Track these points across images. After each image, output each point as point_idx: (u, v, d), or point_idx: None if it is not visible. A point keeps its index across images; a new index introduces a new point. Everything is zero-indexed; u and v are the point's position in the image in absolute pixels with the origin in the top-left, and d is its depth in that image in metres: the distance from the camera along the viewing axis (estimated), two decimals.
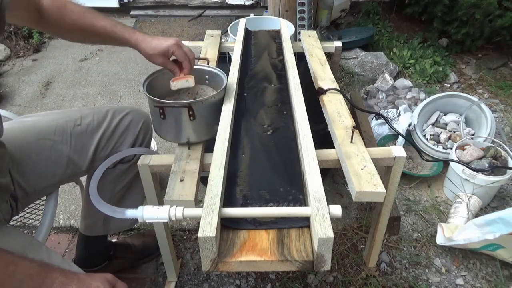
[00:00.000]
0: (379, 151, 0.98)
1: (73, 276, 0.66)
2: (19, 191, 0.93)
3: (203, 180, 0.91)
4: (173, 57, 1.02)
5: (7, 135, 0.92)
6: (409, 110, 1.99)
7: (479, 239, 1.30)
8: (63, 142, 1.00)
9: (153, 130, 1.13)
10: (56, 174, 1.00)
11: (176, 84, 1.01)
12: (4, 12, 0.69)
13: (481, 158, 1.61)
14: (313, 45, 1.50)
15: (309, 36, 1.59)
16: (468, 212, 1.50)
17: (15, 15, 0.89)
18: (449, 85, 2.54)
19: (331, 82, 1.24)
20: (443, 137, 1.88)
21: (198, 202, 0.83)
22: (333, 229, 0.68)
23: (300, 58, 1.44)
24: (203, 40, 1.56)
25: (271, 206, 0.80)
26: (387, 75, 2.39)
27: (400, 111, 1.99)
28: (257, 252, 0.71)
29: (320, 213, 0.71)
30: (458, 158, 1.62)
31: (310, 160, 0.84)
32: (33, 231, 1.12)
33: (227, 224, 0.76)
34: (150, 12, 3.47)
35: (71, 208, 1.66)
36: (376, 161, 0.93)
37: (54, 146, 0.99)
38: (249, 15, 2.24)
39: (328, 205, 0.73)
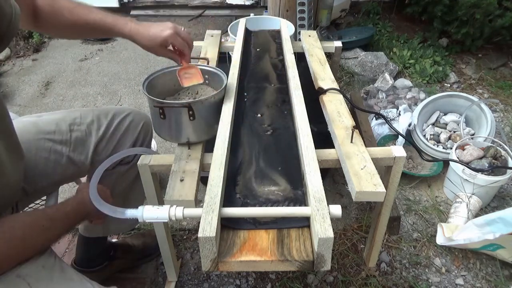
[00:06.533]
0: (379, 151, 0.98)
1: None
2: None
3: (203, 180, 0.91)
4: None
5: None
6: (409, 110, 1.99)
7: (479, 239, 1.30)
8: (63, 143, 1.00)
9: (153, 131, 1.12)
10: (56, 174, 1.00)
11: (187, 84, 1.05)
12: (17, 24, 0.66)
13: (481, 158, 1.61)
14: (313, 45, 1.50)
15: (309, 36, 1.59)
16: (468, 212, 1.50)
17: None
18: (449, 85, 2.54)
19: (331, 82, 1.24)
20: (443, 137, 1.88)
21: (198, 202, 0.83)
22: (333, 229, 0.68)
23: (300, 58, 1.44)
24: (203, 40, 1.56)
25: (271, 206, 0.80)
26: (387, 75, 2.39)
27: (400, 111, 1.99)
28: (257, 252, 0.71)
29: (320, 213, 0.71)
30: (458, 158, 1.62)
31: (310, 160, 0.84)
32: None
33: (227, 224, 0.76)
34: (150, 12, 3.47)
35: None
36: (376, 161, 0.93)
37: (53, 146, 0.99)
38: (249, 15, 2.23)
39: (328, 205, 0.73)
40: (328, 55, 1.49)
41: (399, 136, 1.85)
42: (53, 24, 0.97)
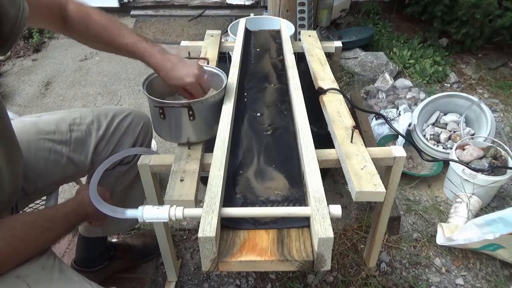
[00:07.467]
0: (379, 151, 0.98)
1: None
2: None
3: (203, 180, 0.91)
4: None
5: None
6: (409, 110, 1.99)
7: (479, 239, 1.30)
8: (63, 143, 1.00)
9: (153, 131, 1.12)
10: (56, 174, 1.00)
11: None
12: (22, 28, 0.66)
13: (481, 158, 1.61)
14: (313, 45, 1.50)
15: (309, 36, 1.59)
16: (468, 212, 1.50)
17: (35, 23, 0.89)
18: (449, 85, 2.54)
19: (331, 82, 1.24)
20: (443, 137, 1.88)
21: (198, 202, 0.83)
22: (333, 229, 0.68)
23: (300, 58, 1.44)
24: (203, 40, 1.56)
25: (271, 206, 0.80)
26: (387, 75, 2.39)
27: (400, 111, 1.99)
28: (257, 252, 0.71)
29: (320, 213, 0.71)
30: (458, 158, 1.62)
31: (310, 160, 0.84)
32: None
33: (227, 224, 0.76)
34: (150, 12, 3.47)
35: None
36: (376, 161, 0.93)
37: (53, 146, 0.99)
38: (249, 15, 2.23)
39: (328, 205, 0.73)
40: (328, 55, 1.49)
41: (399, 136, 1.85)
42: (83, 35, 0.97)
